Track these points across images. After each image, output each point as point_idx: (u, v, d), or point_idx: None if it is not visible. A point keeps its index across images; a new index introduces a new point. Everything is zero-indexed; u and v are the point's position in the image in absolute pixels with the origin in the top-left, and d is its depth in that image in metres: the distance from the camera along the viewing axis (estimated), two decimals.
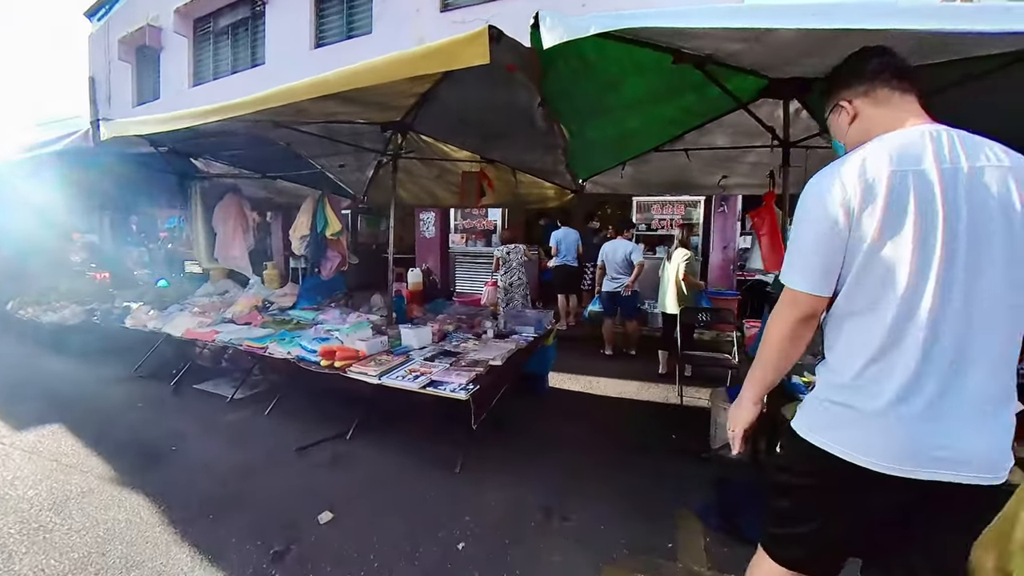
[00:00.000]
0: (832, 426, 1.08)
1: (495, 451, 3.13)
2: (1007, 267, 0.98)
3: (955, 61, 2.00)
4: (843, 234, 1.02)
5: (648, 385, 4.60)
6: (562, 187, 4.49)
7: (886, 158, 1.01)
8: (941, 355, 0.99)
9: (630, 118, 2.77)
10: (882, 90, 1.13)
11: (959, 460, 0.98)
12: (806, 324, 1.09)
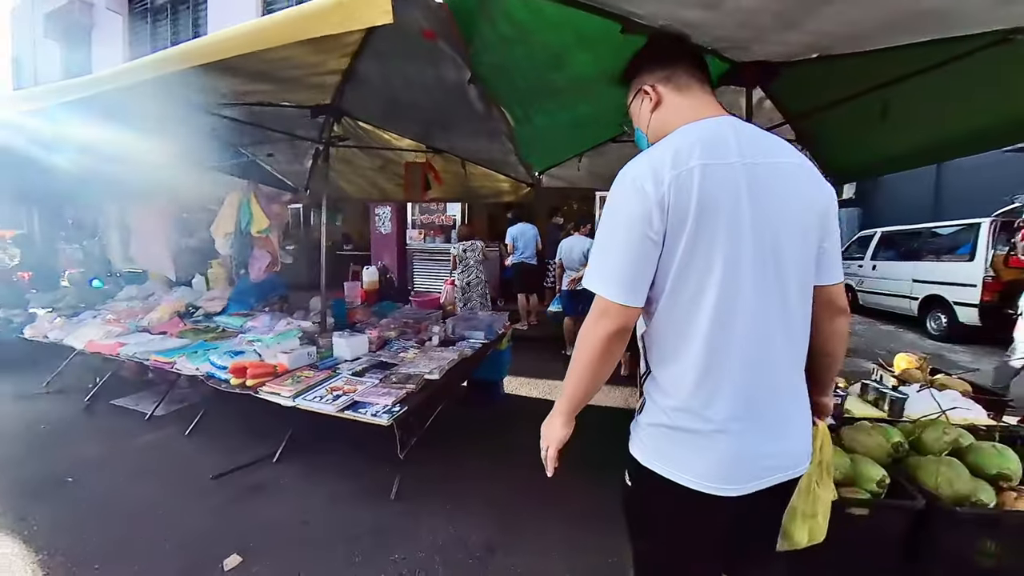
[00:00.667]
0: (675, 454, 1.00)
1: (437, 471, 2.84)
2: (803, 270, 1.01)
3: (934, 43, 1.80)
4: (655, 240, 0.93)
5: (609, 389, 4.37)
6: (517, 180, 4.19)
7: (697, 151, 0.93)
8: (765, 370, 0.98)
9: (581, 103, 2.48)
10: (683, 77, 1.09)
11: (789, 462, 1.03)
12: (619, 338, 0.97)
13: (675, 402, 0.99)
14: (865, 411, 2.65)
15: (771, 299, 0.97)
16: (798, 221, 0.99)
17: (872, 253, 8.50)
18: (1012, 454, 1.93)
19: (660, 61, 1.12)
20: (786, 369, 1.02)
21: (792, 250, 0.98)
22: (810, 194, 1.02)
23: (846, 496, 1.86)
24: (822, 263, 1.06)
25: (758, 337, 0.96)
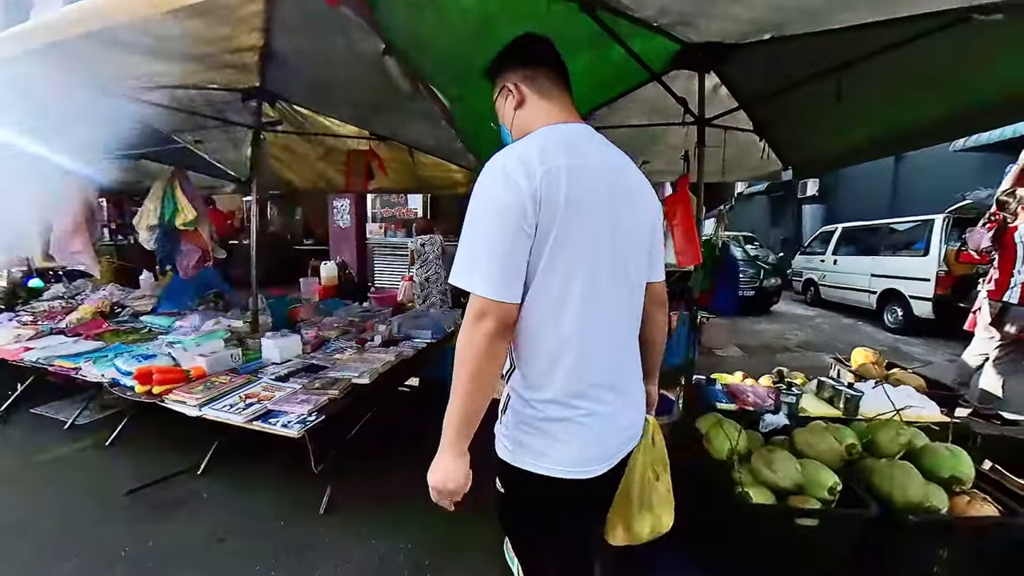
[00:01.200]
0: (534, 450, 1.00)
1: (376, 482, 2.62)
2: (640, 268, 1.12)
3: (889, 23, 1.68)
4: (526, 234, 0.91)
5: None
6: (471, 171, 3.98)
7: (562, 151, 0.95)
8: (617, 359, 1.07)
9: None
10: (545, 80, 1.11)
11: (635, 432, 1.14)
12: (502, 338, 0.93)
13: (548, 394, 0.99)
14: (821, 409, 2.56)
15: (621, 291, 1.05)
16: (639, 226, 1.09)
17: (833, 248, 8.65)
18: (965, 456, 1.84)
19: (523, 61, 1.13)
20: (632, 351, 1.14)
21: (634, 250, 1.08)
22: (647, 204, 1.13)
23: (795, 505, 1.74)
24: (652, 263, 1.17)
25: (615, 324, 1.05)
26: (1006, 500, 1.79)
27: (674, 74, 2.57)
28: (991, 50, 1.83)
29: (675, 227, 2.33)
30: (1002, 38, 1.73)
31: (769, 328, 7.11)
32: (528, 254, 0.92)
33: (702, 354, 5.44)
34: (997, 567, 1.78)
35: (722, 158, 2.92)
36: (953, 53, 1.89)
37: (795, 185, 13.28)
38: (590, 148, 1.03)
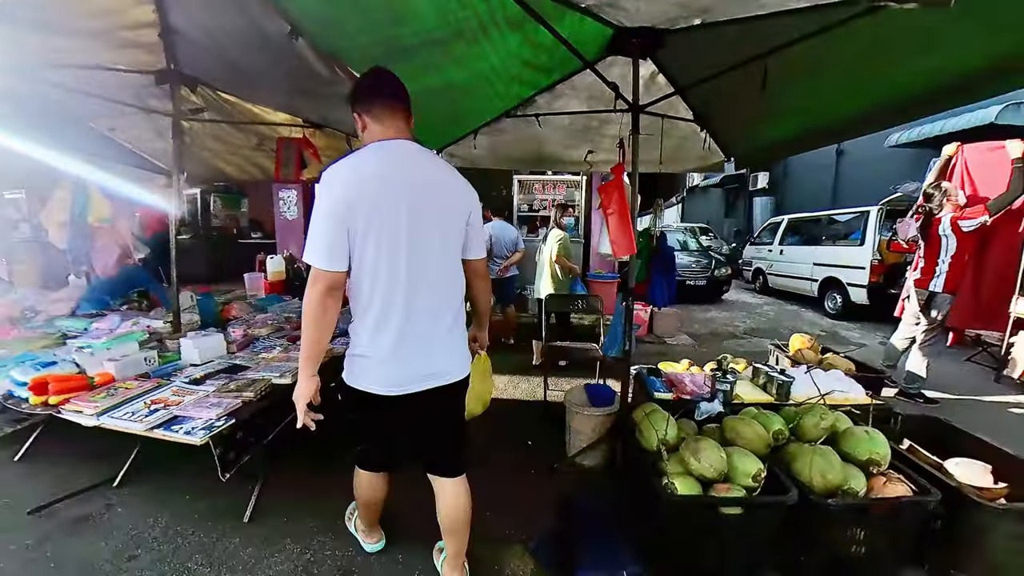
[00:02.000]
0: (362, 373, 1.48)
1: (308, 486, 2.48)
2: (446, 255, 1.50)
3: (812, 11, 1.70)
4: (344, 223, 1.31)
5: (519, 379, 4.19)
6: None
7: (375, 163, 1.38)
8: (413, 316, 1.43)
9: (449, 67, 2.18)
10: (378, 109, 1.45)
11: (437, 374, 1.52)
12: (330, 295, 1.35)
13: (364, 340, 1.45)
14: (755, 395, 2.62)
15: (424, 275, 1.43)
16: (445, 217, 1.48)
17: (779, 239, 8.98)
18: (882, 438, 1.90)
19: (364, 98, 1.47)
20: (433, 316, 1.49)
21: (438, 235, 1.46)
22: (455, 200, 1.51)
23: (720, 494, 1.75)
24: (467, 246, 1.58)
25: (410, 297, 1.42)
26: (918, 478, 1.86)
27: (611, 60, 2.53)
28: (906, 43, 1.86)
29: (609, 216, 2.29)
30: (915, 30, 1.76)
31: (719, 316, 7.32)
32: (347, 239, 1.33)
33: (653, 343, 5.54)
34: (911, 542, 1.86)
35: (660, 147, 2.91)
36: (871, 45, 1.92)
37: (747, 178, 13.73)
38: (402, 159, 1.42)
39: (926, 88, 2.06)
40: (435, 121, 2.90)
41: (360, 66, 2.02)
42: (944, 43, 1.81)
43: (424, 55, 2.01)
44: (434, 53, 2.04)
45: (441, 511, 1.69)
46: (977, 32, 1.69)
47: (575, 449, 2.69)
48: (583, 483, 2.51)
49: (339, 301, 1.37)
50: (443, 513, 1.69)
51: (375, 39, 1.82)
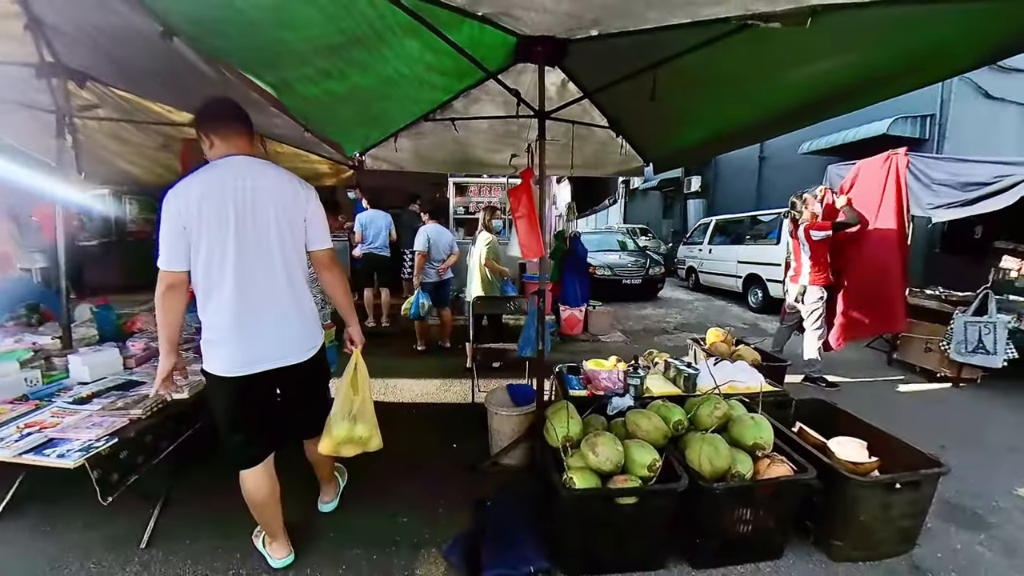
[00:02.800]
0: (212, 357, 1.69)
1: (215, 506, 2.33)
2: (281, 249, 1.72)
3: (694, 26, 1.80)
4: (179, 229, 1.58)
5: (452, 382, 4.17)
6: (336, 162, 3.74)
7: (206, 176, 1.63)
8: (252, 304, 1.67)
9: (351, 71, 2.15)
10: (223, 129, 1.70)
11: (279, 356, 1.74)
12: (173, 290, 1.61)
13: (208, 327, 1.67)
14: (665, 388, 2.75)
15: (256, 266, 1.67)
16: (279, 214, 1.70)
17: (709, 238, 9.51)
18: (766, 424, 2.05)
19: (210, 119, 1.71)
20: (273, 305, 1.72)
21: (271, 232, 1.69)
22: (287, 199, 1.73)
23: (616, 487, 1.83)
24: (309, 237, 1.82)
25: (243, 289, 1.64)
26: (798, 458, 2.03)
27: (523, 67, 2.59)
28: (779, 58, 2.03)
29: (518, 219, 2.34)
30: (785, 47, 1.92)
31: (654, 312, 7.64)
32: (186, 243, 1.59)
33: (588, 340, 5.69)
34: (794, 517, 2.03)
35: (571, 152, 3.00)
36: (749, 59, 2.08)
37: (682, 181, 14.45)
38: (230, 170, 1.64)
39: (804, 99, 2.25)
40: (347, 124, 2.84)
41: (249, 68, 1.94)
42: (812, 58, 1.99)
43: (321, 61, 1.97)
44: (332, 59, 2.00)
45: (309, 454, 2.11)
46: (835, 49, 1.87)
47: (496, 449, 2.72)
48: (503, 482, 2.54)
49: (182, 295, 1.62)
50: (310, 454, 2.10)
51: (259, 43, 1.75)
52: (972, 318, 4.10)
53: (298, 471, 2.22)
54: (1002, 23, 1.48)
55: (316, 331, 1.88)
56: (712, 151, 3.15)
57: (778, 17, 1.61)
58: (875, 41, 1.76)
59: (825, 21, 1.55)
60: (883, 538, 2.01)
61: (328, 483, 2.31)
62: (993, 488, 2.66)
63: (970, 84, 7.21)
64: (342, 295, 1.98)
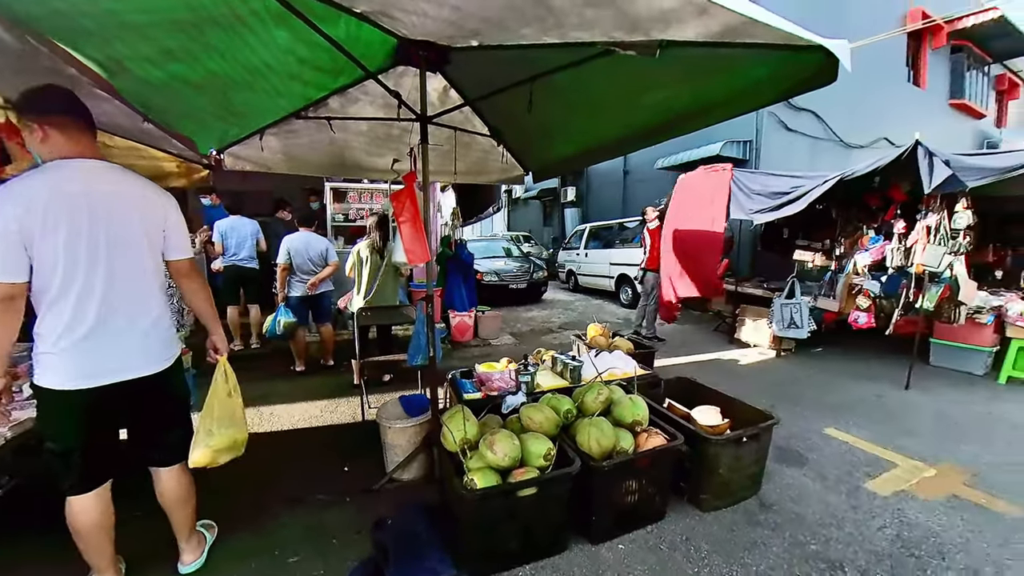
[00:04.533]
0: (49, 370, 1.53)
1: (40, 547, 1.87)
2: (138, 259, 1.65)
3: (566, 47, 1.95)
4: (19, 238, 1.42)
5: (338, 402, 3.90)
6: (187, 160, 3.27)
7: (60, 182, 1.49)
8: (100, 314, 1.56)
9: (205, 56, 1.91)
10: (68, 122, 1.54)
11: (124, 368, 1.62)
12: (8, 304, 1.44)
13: (45, 338, 1.52)
14: (554, 382, 2.90)
15: (109, 276, 1.57)
16: (135, 223, 1.63)
17: (584, 243, 10.34)
18: (642, 403, 2.29)
19: (48, 106, 1.52)
20: (119, 314, 1.60)
21: (128, 240, 1.61)
22: (146, 207, 1.68)
23: (516, 480, 1.88)
24: (168, 246, 1.75)
25: (87, 299, 1.54)
26: (668, 428, 2.30)
27: (404, 70, 2.55)
28: (636, 83, 2.30)
29: (402, 224, 2.29)
30: (641, 74, 2.19)
31: (539, 314, 8.04)
32: (24, 253, 1.43)
33: (479, 345, 5.77)
34: (670, 480, 2.28)
35: (454, 158, 3.04)
36: (613, 82, 2.33)
37: (559, 191, 15.48)
38: (80, 175, 1.52)
39: (657, 120, 2.57)
40: (201, 116, 2.51)
41: (66, 38, 1.62)
42: (661, 85, 2.29)
43: (165, 38, 1.72)
44: (180, 38, 1.76)
45: (161, 495, 1.83)
46: (679, 79, 2.18)
47: (393, 465, 2.61)
48: (404, 498, 2.44)
49: (18, 308, 1.46)
50: (163, 496, 1.83)
51: (82, 9, 1.47)
52: (785, 301, 5.08)
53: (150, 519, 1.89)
54: (795, 70, 1.88)
55: (169, 344, 1.77)
56: (584, 162, 3.43)
57: (634, 46, 1.83)
58: (707, 75, 2.10)
59: (670, 54, 1.80)
60: (738, 485, 2.39)
61: (188, 536, 1.94)
62: (809, 431, 3.33)
63: (775, 118, 8.94)
64: (204, 303, 1.90)
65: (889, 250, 4.60)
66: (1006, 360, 4.56)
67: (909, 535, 2.20)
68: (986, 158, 3.88)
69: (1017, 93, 14.79)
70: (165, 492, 1.82)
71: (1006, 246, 6.26)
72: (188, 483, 1.87)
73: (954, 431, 3.36)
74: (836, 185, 4.45)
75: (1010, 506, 2.43)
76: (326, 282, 4.53)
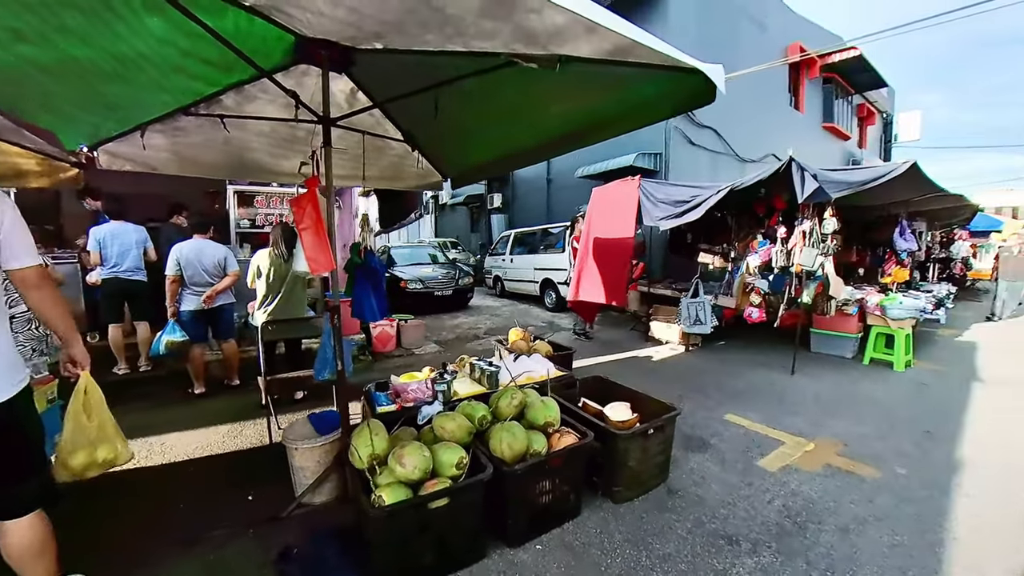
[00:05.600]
0: None
1: None
2: None
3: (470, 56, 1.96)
4: None
5: (243, 425, 3.59)
6: (49, 156, 2.86)
7: None
8: None
9: (63, 40, 1.69)
10: None
11: None
12: None
13: None
14: (472, 389, 2.89)
15: None
16: None
17: (510, 249, 10.49)
18: (553, 404, 2.34)
19: None
20: None
21: None
22: None
23: (427, 492, 1.84)
24: (5, 255, 1.52)
25: None
26: (579, 427, 2.38)
27: (306, 69, 2.42)
28: (546, 94, 2.38)
29: (303, 231, 2.17)
30: (548, 86, 2.27)
31: (465, 321, 8.00)
32: None
33: (402, 355, 5.62)
34: (582, 479, 2.36)
35: (363, 162, 2.95)
36: (524, 92, 2.39)
37: (486, 198, 15.58)
38: None
39: (567, 129, 2.68)
40: (64, 107, 2.22)
41: None
42: (567, 97, 2.39)
43: (7, 16, 1.50)
44: (26, 16, 1.54)
45: (6, 550, 1.54)
46: (581, 92, 2.28)
47: (302, 489, 2.44)
48: (314, 524, 2.29)
49: None
50: (8, 552, 1.55)
51: None
52: (691, 300, 5.50)
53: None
54: (679, 90, 2.05)
55: (11, 370, 1.51)
56: (501, 168, 3.48)
57: (535, 59, 1.89)
58: (605, 90, 2.23)
59: (571, 69, 1.88)
60: (648, 475, 2.54)
61: None
62: (712, 418, 3.62)
63: (681, 133, 9.70)
64: (59, 313, 1.66)
65: (774, 252, 5.16)
66: (868, 344, 5.30)
67: (793, 504, 2.47)
68: (845, 173, 4.50)
69: (874, 120, 17.35)
70: (11, 547, 1.54)
71: (867, 247, 7.32)
72: (42, 535, 1.59)
73: (829, 409, 3.84)
74: (729, 194, 4.91)
75: (873, 470, 2.82)
76: (226, 294, 4.17)
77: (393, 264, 9.44)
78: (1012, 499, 2.52)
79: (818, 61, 12.88)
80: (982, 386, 4.48)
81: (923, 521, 2.33)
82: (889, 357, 5.12)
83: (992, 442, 3.22)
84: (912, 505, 2.46)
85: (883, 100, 17.47)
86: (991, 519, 2.35)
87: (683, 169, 9.51)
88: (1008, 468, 2.84)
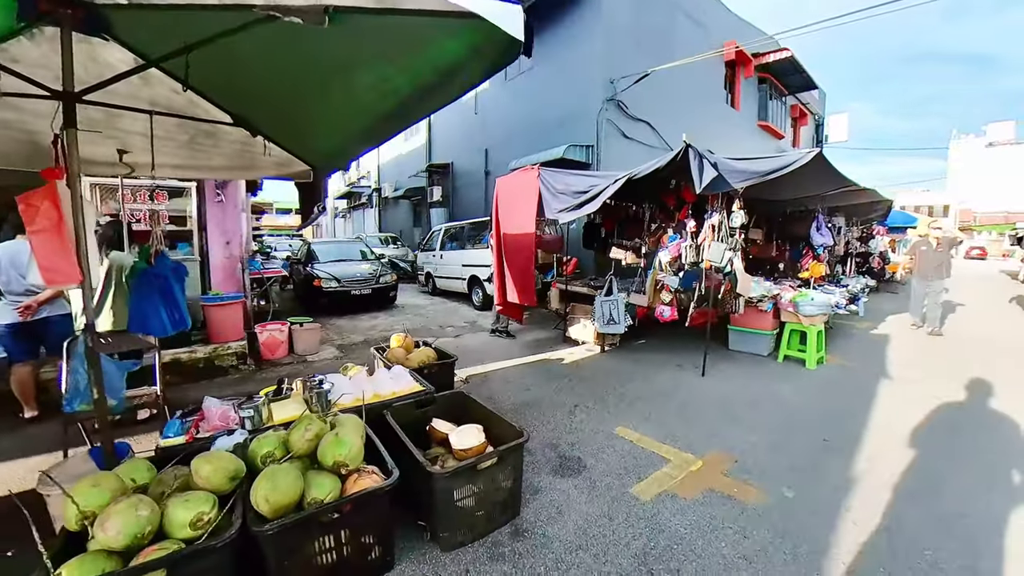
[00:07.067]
0: None
1: None
2: None
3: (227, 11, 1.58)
4: None
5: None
6: None
7: None
8: None
9: None
10: None
11: None
12: None
13: None
14: (293, 413, 2.39)
15: None
16: None
17: (441, 245, 10.00)
18: (350, 440, 1.86)
19: None
20: None
21: None
22: None
23: (138, 563, 1.40)
24: None
25: None
26: (390, 464, 1.96)
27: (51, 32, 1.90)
28: (335, 59, 1.97)
29: (35, 235, 1.67)
30: (333, 48, 1.85)
31: (384, 322, 7.47)
32: None
33: (292, 363, 5.08)
34: (390, 526, 1.98)
35: (151, 148, 2.45)
36: (311, 60, 1.98)
37: (427, 191, 15.01)
38: None
39: (391, 103, 2.26)
40: None
41: None
42: (363, 62, 1.98)
43: None
44: None
45: None
46: (379, 53, 1.88)
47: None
48: None
49: None
50: None
51: None
52: (605, 298, 5.23)
53: None
54: (488, 43, 1.69)
55: None
56: (355, 148, 3.09)
57: (297, 12, 1.49)
58: (406, 50, 1.85)
59: (347, 24, 1.51)
60: (484, 514, 2.15)
61: None
62: (599, 432, 3.31)
63: (613, 126, 9.50)
64: None
65: (684, 247, 4.96)
66: (782, 342, 5.21)
67: (655, 545, 2.14)
68: (750, 163, 4.30)
69: (807, 121, 17.91)
70: None
71: (787, 242, 7.31)
72: None
73: (730, 414, 3.63)
74: (640, 185, 4.65)
75: (758, 493, 2.55)
76: (56, 304, 3.53)
77: (313, 260, 8.78)
78: (901, 525, 2.30)
79: (753, 61, 13.05)
80: (888, 383, 4.45)
81: (798, 563, 2.04)
82: (802, 355, 5.04)
83: (887, 447, 3.10)
84: (789, 541, 2.17)
85: (815, 102, 18.11)
86: (876, 552, 2.11)
87: (616, 162, 9.31)
88: (894, 485, 2.67)
